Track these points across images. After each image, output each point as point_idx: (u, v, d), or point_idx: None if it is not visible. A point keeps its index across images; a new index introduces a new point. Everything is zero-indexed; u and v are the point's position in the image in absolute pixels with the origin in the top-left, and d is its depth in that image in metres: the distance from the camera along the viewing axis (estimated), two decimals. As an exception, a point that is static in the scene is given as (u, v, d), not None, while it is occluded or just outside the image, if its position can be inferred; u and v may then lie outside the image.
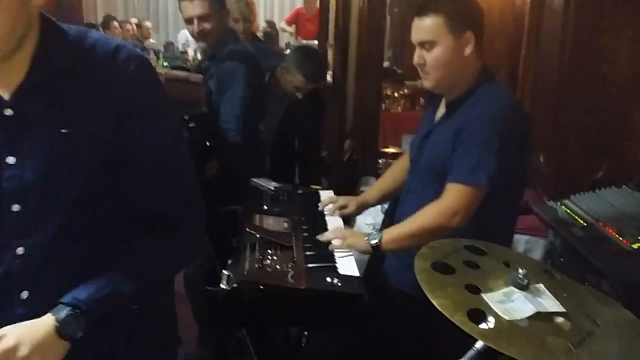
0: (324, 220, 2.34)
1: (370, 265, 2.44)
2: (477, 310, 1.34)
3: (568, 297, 1.44)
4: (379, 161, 3.76)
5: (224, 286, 1.76)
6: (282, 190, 2.57)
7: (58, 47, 1.16)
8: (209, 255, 2.42)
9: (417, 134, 2.23)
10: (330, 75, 3.93)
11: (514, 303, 1.35)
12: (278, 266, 1.86)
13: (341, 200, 2.47)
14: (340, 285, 1.80)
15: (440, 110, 2.13)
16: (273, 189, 2.56)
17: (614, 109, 2.88)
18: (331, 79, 3.86)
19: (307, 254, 1.99)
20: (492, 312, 1.32)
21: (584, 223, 2.48)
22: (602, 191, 2.71)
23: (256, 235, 2.03)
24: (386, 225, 2.39)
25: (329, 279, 1.81)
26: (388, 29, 5.88)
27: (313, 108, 3.48)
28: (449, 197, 1.91)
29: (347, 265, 1.94)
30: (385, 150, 4.06)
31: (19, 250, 1.18)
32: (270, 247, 1.97)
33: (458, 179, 1.90)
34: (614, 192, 2.68)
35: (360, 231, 2.51)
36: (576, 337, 1.31)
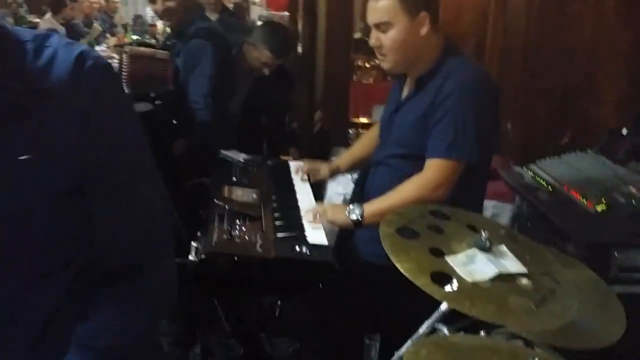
0: (293, 190, 2.34)
1: (342, 234, 2.46)
2: (442, 273, 1.37)
3: (530, 259, 1.48)
4: (350, 131, 3.76)
5: (192, 258, 1.77)
6: (252, 161, 2.56)
7: (13, 65, 1.00)
8: (177, 228, 2.41)
9: (386, 109, 2.23)
10: (300, 46, 3.91)
11: (477, 265, 1.38)
12: (247, 236, 1.86)
13: (310, 164, 2.49)
14: (309, 253, 1.81)
15: (407, 86, 2.13)
16: (242, 160, 2.55)
17: (579, 75, 2.91)
18: (301, 50, 3.83)
19: (276, 223, 2.00)
20: (456, 275, 1.35)
21: (549, 187, 2.52)
22: (567, 156, 2.76)
23: (225, 207, 2.02)
24: (357, 194, 2.40)
25: (297, 248, 1.82)
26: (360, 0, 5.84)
27: (280, 83, 3.45)
28: (431, 172, 1.92)
29: (316, 234, 1.95)
30: (356, 120, 4.06)
31: None
32: (239, 218, 1.97)
33: (438, 154, 1.91)
34: (578, 157, 2.73)
35: (336, 203, 2.53)
36: (538, 297, 1.35)
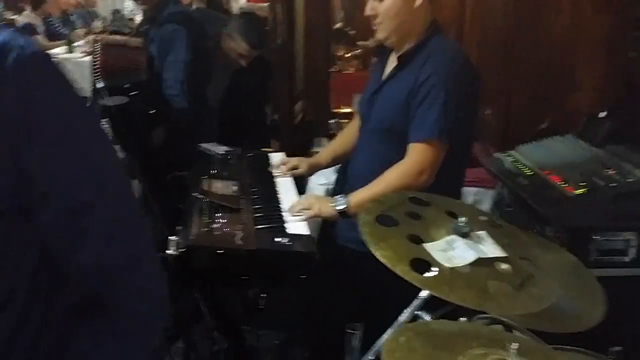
0: (273, 182, 2.33)
1: (325, 223, 2.45)
2: (421, 260, 1.37)
3: (510, 243, 1.48)
4: (331, 121, 3.75)
5: (171, 252, 1.75)
6: (231, 154, 2.54)
7: None
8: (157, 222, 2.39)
9: (366, 91, 2.22)
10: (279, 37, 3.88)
11: (456, 251, 1.38)
12: (227, 229, 1.85)
13: (292, 161, 2.46)
14: (290, 244, 1.80)
15: (389, 65, 2.12)
16: (222, 153, 2.53)
17: (558, 60, 2.92)
18: (280, 41, 3.80)
19: (257, 215, 1.99)
20: (435, 261, 1.35)
21: (529, 172, 2.53)
22: (547, 141, 2.77)
23: (204, 200, 2.01)
24: (340, 183, 2.40)
25: (278, 239, 1.81)
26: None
27: (259, 73, 3.42)
28: (413, 157, 1.92)
29: (297, 225, 1.94)
30: (337, 110, 4.05)
31: None
32: (219, 211, 1.96)
33: (419, 137, 1.91)
34: (558, 141, 2.74)
35: (320, 196, 2.52)
36: (517, 280, 1.35)
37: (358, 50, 5.74)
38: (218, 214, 1.93)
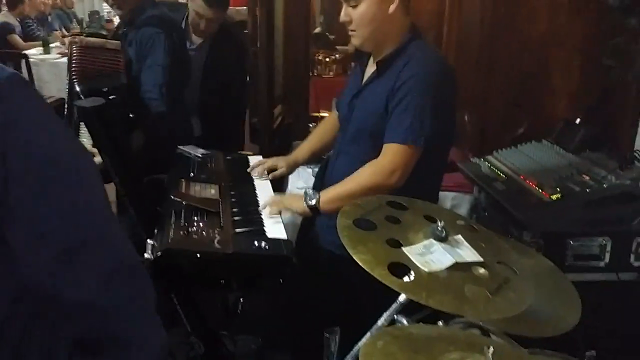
0: (252, 185, 2.32)
1: (304, 227, 2.45)
2: (399, 264, 1.37)
3: (486, 248, 1.49)
4: (310, 125, 3.75)
5: (148, 255, 1.73)
6: (210, 157, 2.53)
7: None
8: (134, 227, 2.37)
9: (345, 94, 2.22)
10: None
11: (434, 255, 1.38)
12: (204, 232, 1.83)
13: (270, 161, 2.46)
14: (268, 248, 1.79)
15: (369, 69, 2.12)
16: (200, 155, 2.51)
17: (534, 66, 2.96)
18: (259, 45, 3.78)
19: (235, 219, 1.98)
20: (413, 265, 1.35)
21: (505, 177, 2.55)
22: (523, 146, 2.80)
23: (182, 203, 1.99)
24: (317, 188, 2.40)
25: (256, 243, 1.80)
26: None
27: (232, 51, 3.42)
28: (386, 157, 1.93)
29: (275, 229, 1.94)
30: (316, 114, 4.06)
31: None
32: (197, 214, 1.94)
33: (394, 139, 1.92)
34: (534, 147, 2.78)
35: (293, 193, 2.51)
36: (493, 285, 1.36)
37: (337, 55, 5.75)
38: (196, 218, 1.92)
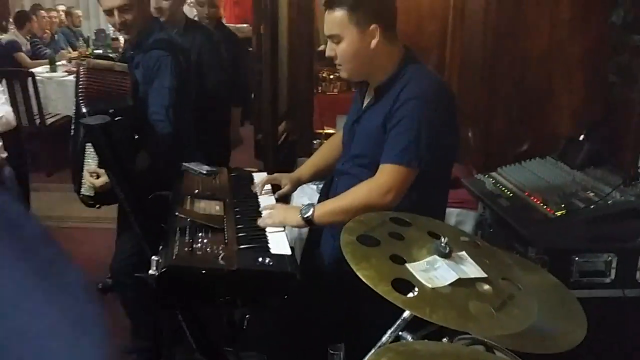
0: (256, 201, 2.32)
1: (309, 242, 2.46)
2: (403, 280, 1.37)
3: (490, 264, 1.49)
4: (314, 142, 3.76)
5: (152, 272, 1.74)
6: (214, 173, 2.54)
7: None
8: (138, 244, 2.37)
9: (348, 118, 2.24)
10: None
11: (437, 271, 1.39)
12: (209, 249, 1.83)
13: (275, 176, 2.48)
14: (272, 264, 1.79)
15: (368, 95, 2.15)
16: (205, 172, 2.52)
17: (537, 83, 2.97)
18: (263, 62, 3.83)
19: (239, 235, 1.98)
20: (416, 281, 1.35)
21: (510, 194, 2.55)
22: (528, 163, 2.81)
23: (186, 220, 2.00)
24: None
25: (260, 259, 1.80)
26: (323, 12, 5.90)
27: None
28: (382, 177, 1.94)
29: (280, 245, 1.94)
30: (320, 131, 4.07)
31: None
32: (201, 231, 1.95)
33: (390, 159, 1.93)
34: (538, 163, 2.78)
35: (290, 205, 2.52)
36: (497, 301, 1.36)
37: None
38: (200, 234, 1.92)
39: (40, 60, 6.76)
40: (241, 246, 1.90)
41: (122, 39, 7.09)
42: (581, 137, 2.74)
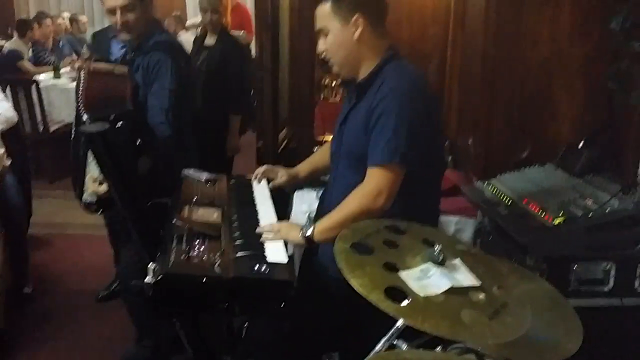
0: (255, 209, 2.33)
1: (308, 252, 2.46)
2: (396, 288, 1.37)
3: (484, 272, 1.49)
4: (315, 149, 3.76)
5: (149, 279, 1.74)
6: (214, 180, 2.55)
7: None
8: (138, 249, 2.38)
9: (337, 122, 2.25)
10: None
11: (431, 279, 1.39)
12: (205, 256, 1.84)
13: (273, 167, 2.52)
14: (268, 272, 1.80)
15: (353, 94, 2.16)
16: (204, 179, 2.53)
17: (536, 89, 2.97)
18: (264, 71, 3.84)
19: (236, 243, 1.98)
20: (409, 289, 1.35)
21: (508, 201, 2.54)
22: (527, 170, 2.80)
23: (184, 227, 2.01)
24: (319, 212, 2.41)
25: (257, 267, 1.81)
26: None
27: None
28: (370, 181, 1.94)
29: (276, 253, 1.94)
30: (322, 138, 4.08)
31: None
32: (199, 238, 1.96)
33: (374, 161, 1.94)
34: (537, 171, 2.77)
35: (295, 220, 2.52)
36: (491, 309, 1.36)
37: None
38: (197, 241, 1.93)
39: (44, 67, 6.80)
40: (238, 254, 1.90)
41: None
42: (581, 144, 2.74)
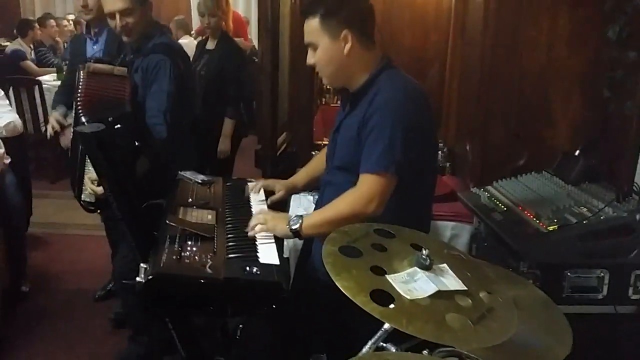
0: (249, 211, 2.34)
1: (302, 254, 2.46)
2: (382, 291, 1.37)
3: (472, 277, 1.49)
4: (313, 153, 3.77)
5: (140, 279, 1.75)
6: (210, 182, 2.56)
7: None
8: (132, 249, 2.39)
9: (332, 128, 2.26)
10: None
11: (417, 283, 1.39)
12: (197, 257, 1.85)
13: (267, 180, 2.52)
14: (259, 274, 1.80)
15: (347, 102, 2.17)
16: (200, 181, 2.54)
17: (534, 97, 2.97)
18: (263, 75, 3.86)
19: (229, 244, 1.99)
20: (395, 292, 1.36)
21: (504, 208, 2.55)
22: (524, 177, 2.81)
23: (177, 228, 2.01)
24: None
25: (248, 268, 1.81)
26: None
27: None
28: (363, 186, 1.95)
29: (268, 254, 1.95)
30: (321, 142, 4.08)
31: None
32: (191, 239, 1.96)
33: (367, 168, 1.95)
34: (534, 178, 2.78)
35: (280, 213, 2.54)
36: (476, 314, 1.36)
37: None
38: (190, 242, 1.93)
39: (48, 68, 6.83)
40: (230, 255, 1.91)
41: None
42: (577, 153, 2.74)
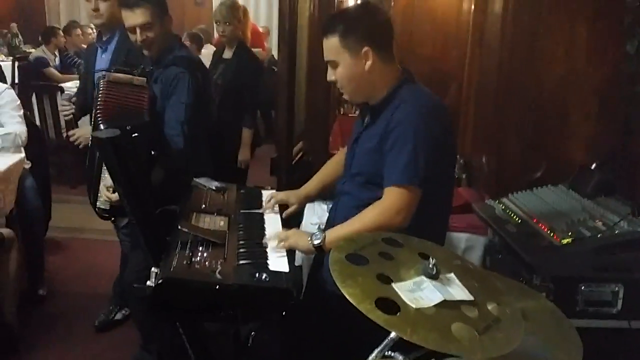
0: (261, 218, 2.35)
1: (315, 263, 2.47)
2: (388, 299, 1.37)
3: (480, 287, 1.48)
4: (329, 163, 3.78)
5: (150, 283, 1.77)
6: (224, 189, 2.58)
7: None
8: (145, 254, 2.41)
9: (350, 138, 2.27)
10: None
11: (423, 292, 1.39)
12: (207, 263, 1.87)
13: (280, 195, 2.51)
14: (268, 280, 1.81)
15: (367, 115, 2.18)
16: (214, 188, 2.57)
17: (551, 109, 2.95)
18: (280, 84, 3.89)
19: (240, 251, 2.01)
20: (401, 301, 1.35)
21: (518, 220, 2.53)
22: (539, 190, 2.78)
23: (189, 234, 2.03)
24: (329, 224, 2.42)
25: (257, 275, 1.83)
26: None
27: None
28: (389, 199, 1.95)
29: (278, 262, 1.96)
30: (335, 152, 4.09)
31: None
32: (202, 245, 1.98)
33: (393, 181, 1.95)
34: (549, 191, 2.75)
35: (300, 230, 2.53)
36: (482, 324, 1.35)
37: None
38: (201, 248, 1.96)
39: (71, 75, 6.95)
40: (240, 262, 1.92)
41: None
42: (593, 166, 2.71)
